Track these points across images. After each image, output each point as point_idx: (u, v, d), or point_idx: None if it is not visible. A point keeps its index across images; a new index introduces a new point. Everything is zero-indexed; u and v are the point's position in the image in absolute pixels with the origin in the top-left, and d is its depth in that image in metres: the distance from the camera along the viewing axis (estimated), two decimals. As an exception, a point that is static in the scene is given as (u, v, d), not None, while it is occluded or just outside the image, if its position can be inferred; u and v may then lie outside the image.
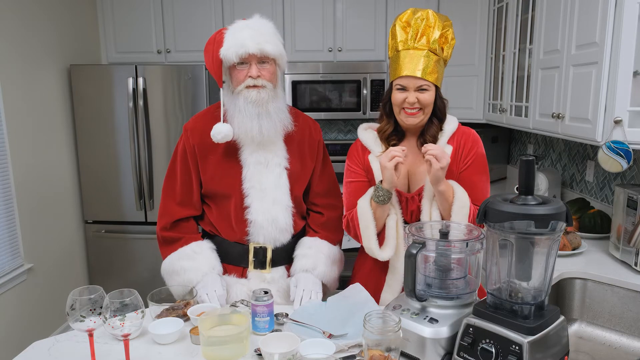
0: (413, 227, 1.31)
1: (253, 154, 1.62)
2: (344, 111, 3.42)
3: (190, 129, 1.67)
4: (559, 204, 1.06)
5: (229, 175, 1.64)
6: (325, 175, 1.78)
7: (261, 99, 1.55)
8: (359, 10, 3.39)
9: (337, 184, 1.82)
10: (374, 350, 1.12)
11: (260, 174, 1.62)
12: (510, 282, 1.12)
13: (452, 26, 1.52)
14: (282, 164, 1.65)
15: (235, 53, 1.50)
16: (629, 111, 1.76)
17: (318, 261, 1.67)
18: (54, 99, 3.12)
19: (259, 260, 1.67)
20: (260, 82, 1.54)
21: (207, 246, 1.67)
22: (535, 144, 3.24)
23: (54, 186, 3.12)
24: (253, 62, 1.53)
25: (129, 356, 1.18)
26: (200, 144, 1.64)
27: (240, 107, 1.56)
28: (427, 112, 1.51)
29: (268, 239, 1.65)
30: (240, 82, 1.55)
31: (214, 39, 1.56)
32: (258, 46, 1.51)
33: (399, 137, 1.59)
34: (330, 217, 1.76)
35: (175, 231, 1.68)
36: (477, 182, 1.53)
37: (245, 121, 1.56)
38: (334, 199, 1.79)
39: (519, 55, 2.68)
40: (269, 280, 1.68)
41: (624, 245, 1.91)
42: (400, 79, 1.49)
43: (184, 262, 1.63)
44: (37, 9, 2.94)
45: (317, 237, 1.72)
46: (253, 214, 1.62)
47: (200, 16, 3.45)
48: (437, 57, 1.49)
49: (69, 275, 3.26)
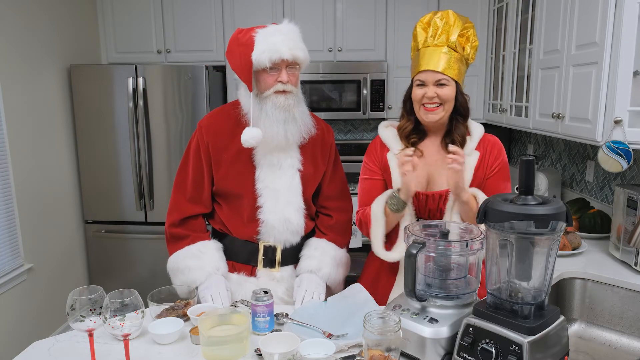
0: (414, 227, 1.31)
1: (267, 155, 1.62)
2: (344, 111, 3.42)
3: (205, 127, 1.66)
4: (559, 204, 1.06)
5: (242, 175, 1.64)
6: (336, 179, 1.79)
7: (289, 105, 1.56)
8: (359, 10, 3.39)
9: (347, 187, 1.83)
10: (374, 350, 1.12)
11: (273, 175, 1.63)
12: (510, 282, 1.12)
13: (473, 27, 1.51)
14: (296, 165, 1.65)
15: (269, 58, 1.49)
16: (629, 111, 1.77)
17: (323, 263, 1.67)
18: (54, 99, 3.12)
19: (268, 258, 1.67)
20: (289, 88, 1.55)
21: (213, 246, 1.67)
22: (535, 144, 3.24)
23: (54, 186, 3.12)
24: (283, 67, 1.54)
25: (129, 356, 1.18)
26: (214, 143, 1.64)
27: (268, 112, 1.56)
28: (447, 109, 1.50)
29: (279, 240, 1.66)
30: (268, 86, 1.55)
31: (240, 42, 1.54)
32: (291, 52, 1.51)
33: (419, 136, 1.58)
34: (339, 220, 1.76)
35: (183, 228, 1.68)
36: (503, 189, 1.54)
37: (272, 126, 1.56)
38: (343, 202, 1.79)
39: (519, 55, 2.68)
40: (278, 279, 1.68)
41: (624, 245, 1.91)
42: (419, 74, 1.49)
43: (189, 261, 1.63)
44: (37, 9, 2.94)
45: (325, 239, 1.73)
46: (266, 214, 1.63)
47: (200, 16, 3.45)
48: (458, 55, 1.49)
49: (69, 275, 3.26)
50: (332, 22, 3.42)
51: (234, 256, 1.70)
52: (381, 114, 3.39)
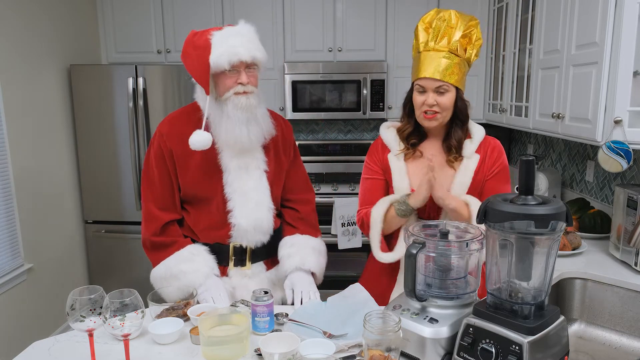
0: (414, 227, 1.31)
1: (233, 159, 1.62)
2: (344, 111, 3.42)
3: (166, 134, 1.62)
4: (559, 204, 1.06)
5: (210, 179, 1.63)
6: (298, 171, 1.81)
7: (250, 105, 1.55)
8: (359, 10, 3.39)
9: (308, 179, 1.86)
10: (374, 350, 1.12)
11: (241, 178, 1.62)
12: (510, 282, 1.12)
13: (477, 26, 1.51)
14: (261, 167, 1.66)
15: (228, 60, 1.48)
16: (629, 111, 1.77)
17: (305, 254, 1.69)
18: (54, 99, 3.12)
19: (239, 258, 1.68)
20: (249, 89, 1.54)
21: (203, 248, 1.66)
22: (535, 144, 3.24)
23: (54, 186, 3.12)
24: (242, 69, 1.52)
25: (129, 356, 1.18)
26: (177, 149, 1.61)
27: (229, 114, 1.54)
28: (446, 115, 1.51)
29: (250, 241, 1.67)
30: (228, 88, 1.53)
31: (196, 44, 1.52)
32: (249, 53, 1.51)
33: (419, 138, 1.60)
34: (306, 211, 1.79)
35: (166, 236, 1.65)
36: (503, 191, 1.54)
37: (234, 128, 1.54)
38: (305, 193, 1.81)
39: (519, 55, 2.68)
40: (250, 275, 1.70)
41: (624, 245, 1.91)
42: (419, 80, 1.49)
43: (183, 266, 1.60)
44: (37, 9, 2.94)
45: (297, 232, 1.75)
46: (237, 218, 1.63)
47: (200, 16, 3.45)
48: (459, 59, 1.48)
49: (69, 275, 3.26)
50: (332, 22, 3.42)
51: None
52: (381, 114, 3.39)
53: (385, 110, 3.38)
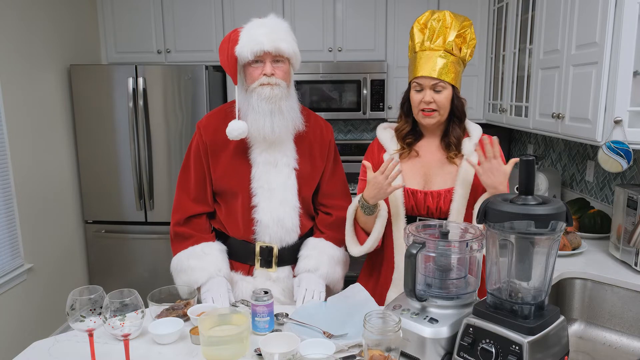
0: (414, 227, 1.31)
1: (262, 153, 1.62)
2: (344, 111, 3.42)
3: (203, 127, 1.67)
4: (559, 204, 1.06)
5: (238, 173, 1.64)
6: (336, 177, 1.78)
7: (274, 96, 1.55)
8: (359, 10, 3.39)
9: (347, 186, 1.83)
10: (374, 350, 1.12)
11: (268, 173, 1.62)
12: (510, 282, 1.12)
13: (471, 26, 1.53)
14: (291, 164, 1.65)
15: (251, 50, 1.50)
16: (629, 111, 1.77)
17: (321, 262, 1.67)
18: (54, 99, 3.12)
19: (265, 259, 1.67)
20: (274, 81, 1.55)
21: (217, 247, 1.67)
22: (535, 144, 3.24)
23: (54, 186, 3.12)
24: (267, 60, 1.54)
25: (129, 356, 1.18)
26: (212, 142, 1.65)
27: (254, 105, 1.56)
28: (443, 113, 1.53)
29: (274, 239, 1.65)
30: (254, 79, 1.55)
31: (229, 38, 1.56)
32: (273, 44, 1.52)
33: (416, 137, 1.61)
34: (339, 217, 1.75)
35: (188, 227, 1.68)
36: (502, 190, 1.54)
37: (258, 118, 1.56)
38: (343, 200, 1.78)
39: (519, 55, 2.68)
40: (275, 279, 1.68)
41: (624, 245, 1.91)
42: (417, 79, 1.52)
43: (192, 261, 1.63)
44: (37, 8, 2.94)
45: (323, 237, 1.72)
46: (260, 214, 1.63)
47: (200, 16, 3.45)
48: (455, 58, 1.51)
49: (69, 275, 3.26)
50: (332, 22, 3.42)
51: (232, 255, 1.70)
52: (381, 114, 3.39)
53: (385, 110, 3.38)
